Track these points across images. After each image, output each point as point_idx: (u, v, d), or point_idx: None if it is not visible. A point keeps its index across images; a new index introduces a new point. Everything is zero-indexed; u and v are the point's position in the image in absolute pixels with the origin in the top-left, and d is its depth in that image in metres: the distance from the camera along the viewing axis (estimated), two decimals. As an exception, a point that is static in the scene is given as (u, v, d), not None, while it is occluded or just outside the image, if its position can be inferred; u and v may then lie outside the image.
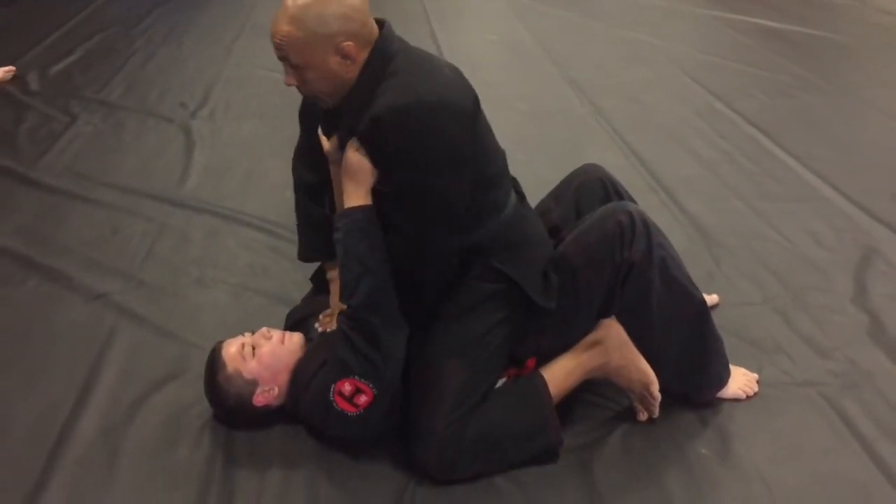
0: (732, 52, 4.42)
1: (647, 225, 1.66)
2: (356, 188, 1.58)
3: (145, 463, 1.67)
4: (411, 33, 4.86)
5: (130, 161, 3.11)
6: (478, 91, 1.64)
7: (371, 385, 1.59)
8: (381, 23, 1.58)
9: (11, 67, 3.95)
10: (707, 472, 1.67)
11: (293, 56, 1.51)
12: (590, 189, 1.93)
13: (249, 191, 2.89)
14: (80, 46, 4.45)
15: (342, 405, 1.60)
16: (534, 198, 2.08)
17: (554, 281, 1.68)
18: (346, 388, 1.59)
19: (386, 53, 1.54)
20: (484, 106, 1.66)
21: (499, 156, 1.72)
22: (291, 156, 1.94)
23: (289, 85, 1.57)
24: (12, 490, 1.60)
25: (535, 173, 2.42)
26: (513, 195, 1.74)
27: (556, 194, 1.97)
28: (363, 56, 1.53)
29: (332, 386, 1.60)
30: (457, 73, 1.63)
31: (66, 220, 2.66)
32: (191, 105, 3.63)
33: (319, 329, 1.79)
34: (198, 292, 2.28)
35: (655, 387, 1.72)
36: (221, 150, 3.21)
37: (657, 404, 1.73)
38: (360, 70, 1.54)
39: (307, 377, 1.67)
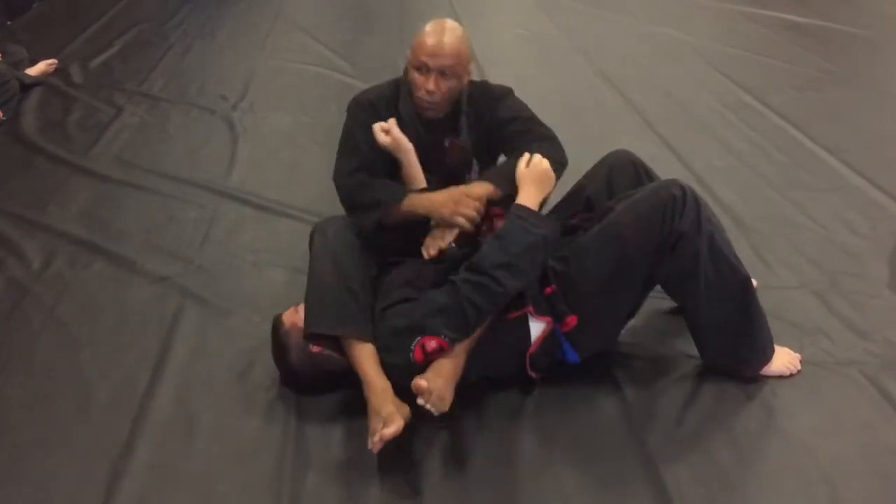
0: (759, 47, 4.48)
1: (697, 200, 1.75)
2: (538, 196, 1.83)
3: (223, 430, 1.78)
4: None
5: (177, 151, 3.21)
6: (510, 84, 2.06)
7: (450, 340, 1.69)
8: None
9: (54, 60, 4.06)
10: (754, 443, 1.75)
11: (452, 65, 1.86)
12: (622, 169, 2.07)
13: (295, 180, 2.98)
14: (118, 40, 4.56)
15: (417, 356, 1.70)
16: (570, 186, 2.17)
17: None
18: (432, 344, 1.69)
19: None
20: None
21: None
22: (334, 146, 2.02)
23: (429, 92, 1.87)
24: (103, 452, 1.71)
25: (572, 163, 2.49)
26: None
27: (590, 174, 2.13)
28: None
29: (419, 338, 1.69)
30: None
31: (122, 206, 2.76)
32: (231, 97, 3.73)
33: (432, 252, 1.86)
34: (255, 275, 2.38)
35: None
36: (264, 141, 3.31)
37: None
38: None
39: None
